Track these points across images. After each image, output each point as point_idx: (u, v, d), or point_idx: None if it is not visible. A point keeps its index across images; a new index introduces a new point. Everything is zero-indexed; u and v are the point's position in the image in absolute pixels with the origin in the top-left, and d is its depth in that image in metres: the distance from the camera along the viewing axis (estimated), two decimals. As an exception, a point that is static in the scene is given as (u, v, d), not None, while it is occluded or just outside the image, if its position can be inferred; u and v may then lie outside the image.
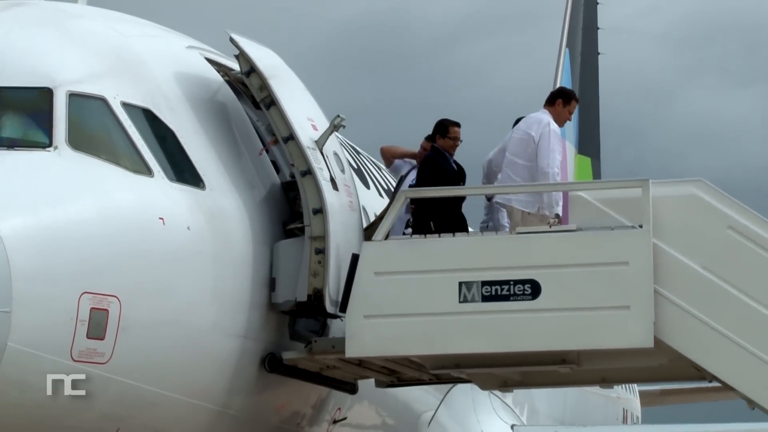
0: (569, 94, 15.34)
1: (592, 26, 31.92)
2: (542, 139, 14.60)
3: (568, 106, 15.19)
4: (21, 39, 12.70)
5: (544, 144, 14.59)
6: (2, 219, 10.90)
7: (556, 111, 15.02)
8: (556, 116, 14.94)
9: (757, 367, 12.45)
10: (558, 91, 15.38)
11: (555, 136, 14.70)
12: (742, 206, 12.99)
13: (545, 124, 14.71)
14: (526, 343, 12.77)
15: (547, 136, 14.61)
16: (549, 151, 14.54)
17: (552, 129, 14.68)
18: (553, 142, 14.61)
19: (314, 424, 14.33)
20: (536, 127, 14.71)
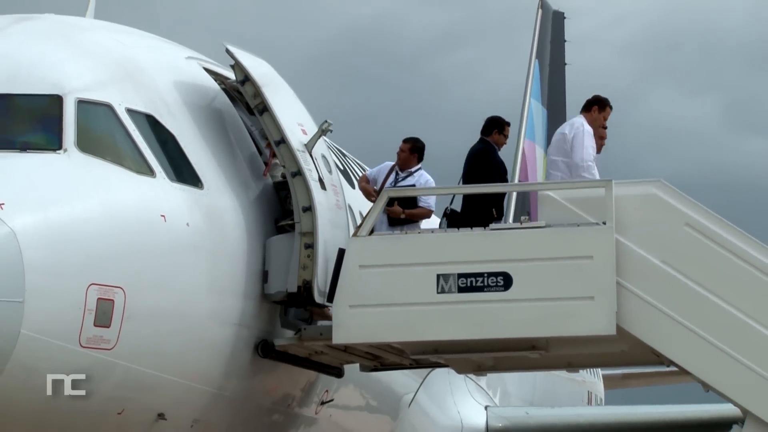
0: (604, 102, 15.24)
1: (560, 39, 31.96)
2: (576, 137, 14.65)
3: (602, 112, 15.17)
4: (32, 50, 12.69)
5: (577, 141, 14.63)
6: (16, 216, 10.88)
7: (592, 117, 15.02)
8: (591, 121, 14.94)
9: (711, 352, 12.47)
10: (594, 99, 15.26)
11: (587, 134, 14.70)
12: (698, 205, 13.02)
13: (579, 124, 14.79)
14: (498, 330, 12.78)
15: (580, 134, 14.66)
16: (582, 147, 14.57)
17: (585, 129, 14.73)
18: (586, 139, 14.64)
19: (304, 405, 14.33)
20: (569, 127, 14.85)
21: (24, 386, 10.92)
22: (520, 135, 29.34)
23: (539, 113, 30.46)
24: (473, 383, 19.44)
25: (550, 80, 31.12)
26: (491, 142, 14.96)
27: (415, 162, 14.87)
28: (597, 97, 15.22)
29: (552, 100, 31.15)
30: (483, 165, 14.63)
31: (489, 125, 15.08)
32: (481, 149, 14.89)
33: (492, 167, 14.62)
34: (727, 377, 12.46)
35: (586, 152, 14.54)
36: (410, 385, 16.84)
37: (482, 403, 19.66)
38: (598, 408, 26.67)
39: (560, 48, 31.92)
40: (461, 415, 18.96)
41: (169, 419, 12.19)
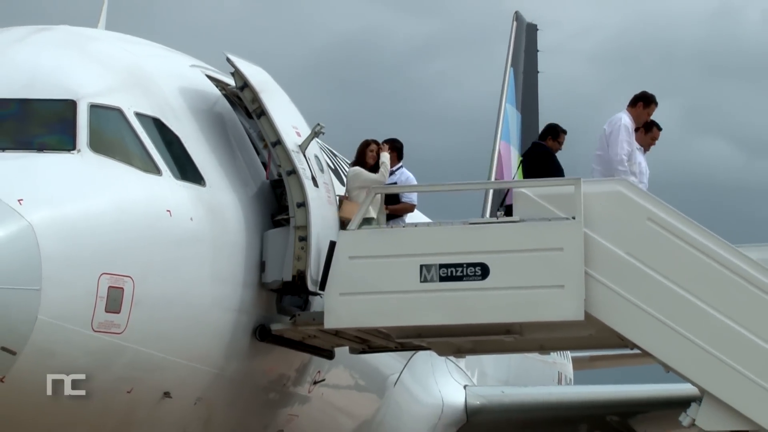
0: (650, 98, 15.07)
1: (533, 49, 32.04)
2: (612, 133, 14.60)
3: (647, 108, 15.02)
4: (48, 58, 12.68)
5: (613, 137, 14.58)
6: (33, 211, 10.87)
7: (637, 112, 14.89)
8: (636, 117, 14.83)
9: (671, 336, 12.49)
10: (640, 95, 15.07)
11: (625, 130, 14.56)
12: (659, 201, 13.05)
13: (617, 119, 14.68)
14: (476, 316, 12.80)
15: (617, 129, 14.57)
16: (616, 143, 14.50)
17: (623, 124, 14.60)
18: (621, 134, 14.52)
19: (297, 384, 14.33)
20: (609, 124, 14.72)
21: (40, 367, 10.89)
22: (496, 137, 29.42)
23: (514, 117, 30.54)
24: (453, 364, 19.46)
25: (524, 87, 31.19)
26: (546, 146, 14.98)
27: (396, 160, 14.92)
28: (644, 93, 15.07)
29: (526, 105, 31.23)
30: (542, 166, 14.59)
31: (545, 131, 15.17)
32: (543, 152, 14.91)
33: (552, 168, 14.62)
34: (686, 359, 12.49)
35: (620, 147, 14.46)
36: (395, 367, 16.85)
37: (461, 383, 19.67)
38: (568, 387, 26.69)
39: (533, 57, 31.99)
40: (442, 393, 18.98)
41: (174, 397, 12.18)
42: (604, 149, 14.61)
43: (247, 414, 13.69)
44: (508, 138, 29.87)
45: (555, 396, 21.94)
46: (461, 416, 19.27)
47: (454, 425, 19.19)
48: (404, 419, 17.65)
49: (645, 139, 15.03)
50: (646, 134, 15.03)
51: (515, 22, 31.23)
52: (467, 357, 18.83)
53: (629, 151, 14.54)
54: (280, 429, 14.31)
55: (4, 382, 10.67)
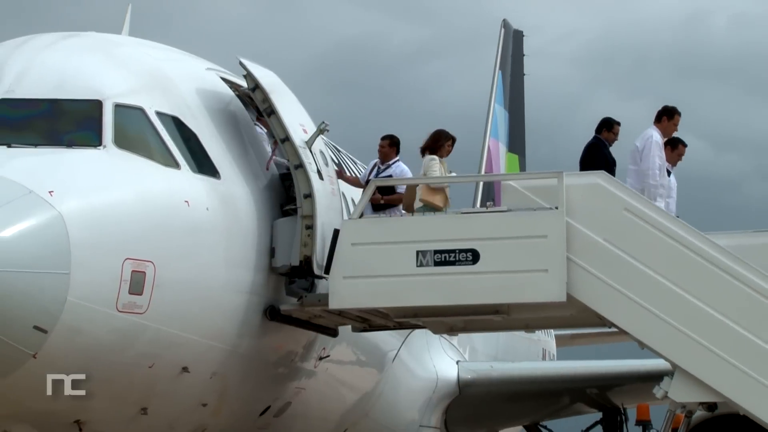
0: (672, 110, 14.97)
1: (519, 53, 32.02)
2: (645, 149, 14.49)
3: (672, 120, 14.91)
4: (77, 62, 12.67)
5: (646, 152, 14.46)
6: (63, 201, 10.88)
7: (663, 126, 14.80)
8: (663, 130, 14.73)
9: (646, 316, 12.50)
10: (662, 110, 14.96)
11: (656, 146, 14.46)
12: (634, 192, 13.07)
13: (648, 136, 14.57)
14: (468, 297, 12.80)
15: (649, 146, 14.46)
16: (649, 157, 14.39)
17: (654, 140, 14.50)
18: (653, 149, 14.42)
19: (305, 360, 14.34)
20: (641, 140, 14.60)
21: (70, 343, 10.90)
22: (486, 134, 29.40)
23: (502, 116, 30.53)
24: (447, 342, 19.48)
25: (511, 88, 31.18)
26: (602, 138, 14.96)
27: (393, 155, 14.95)
28: (666, 107, 14.97)
29: (513, 105, 31.22)
30: (592, 156, 14.53)
31: (600, 125, 15.07)
32: (592, 144, 14.80)
33: (600, 158, 14.48)
34: (659, 336, 12.50)
35: (652, 161, 14.35)
36: (394, 344, 16.87)
37: (454, 359, 19.68)
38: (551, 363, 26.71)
39: (520, 61, 31.97)
40: (437, 368, 19.00)
41: (191, 372, 12.19)
42: (637, 164, 14.53)
43: (258, 387, 13.69)
44: (497, 135, 29.86)
45: (540, 371, 21.96)
46: (454, 389, 19.28)
47: (447, 397, 19.21)
48: (402, 392, 17.67)
49: (672, 156, 14.90)
50: (673, 151, 14.92)
51: (503, 29, 31.22)
52: (459, 335, 18.87)
53: (660, 165, 14.45)
54: (289, 401, 14.32)
55: (36, 358, 10.67)
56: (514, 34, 31.75)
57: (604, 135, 14.97)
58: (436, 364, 18.95)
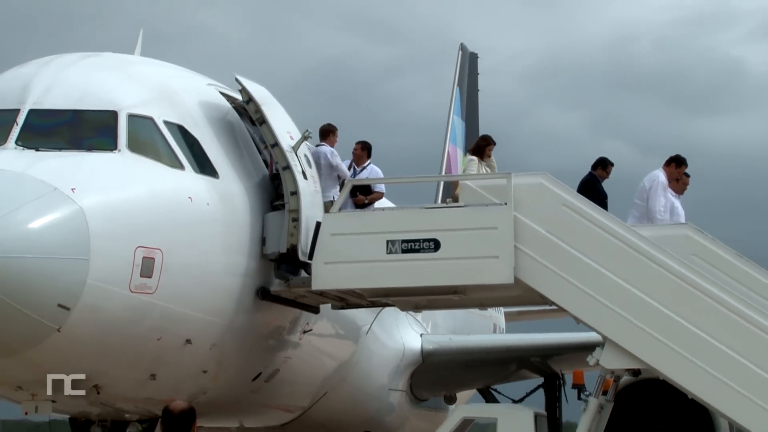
0: (682, 160, 15.03)
1: (474, 72, 32.03)
2: (652, 189, 14.56)
3: (679, 168, 14.97)
4: (96, 78, 12.62)
5: (653, 192, 14.55)
6: (84, 197, 10.84)
7: (670, 170, 14.86)
8: (669, 174, 14.79)
9: (581, 295, 12.54)
10: (675, 158, 15.01)
11: (661, 187, 14.54)
12: (571, 190, 13.11)
13: (655, 177, 14.63)
14: (430, 280, 12.82)
15: (656, 186, 14.54)
16: (656, 198, 14.48)
17: (660, 181, 14.58)
18: (659, 191, 14.51)
19: (291, 333, 14.33)
20: (649, 180, 14.64)
21: (89, 319, 10.86)
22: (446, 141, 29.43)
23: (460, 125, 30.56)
24: (412, 318, 19.47)
25: (467, 101, 31.20)
26: (596, 174, 14.95)
27: (365, 158, 14.99)
28: (677, 156, 15.03)
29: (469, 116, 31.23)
30: (587, 190, 14.46)
31: (596, 163, 15.11)
32: (587, 180, 14.83)
33: (593, 192, 14.43)
34: (592, 313, 12.54)
35: (658, 201, 14.45)
36: (367, 319, 16.87)
37: (418, 332, 19.68)
38: (501, 335, 26.70)
39: (474, 79, 31.99)
40: (403, 340, 19.00)
41: (194, 344, 12.16)
42: (643, 199, 14.60)
43: (251, 356, 13.67)
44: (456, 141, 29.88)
45: (491, 342, 21.98)
46: (418, 358, 19.28)
47: (412, 365, 19.21)
48: (374, 360, 17.67)
49: (678, 187, 15.01)
50: (678, 182, 14.99)
51: (460, 51, 31.24)
52: (423, 312, 18.87)
53: (665, 203, 14.53)
54: (277, 368, 14.30)
55: (60, 332, 10.63)
56: (470, 56, 31.77)
57: (598, 172, 15.02)
58: (403, 337, 18.95)
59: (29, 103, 12.04)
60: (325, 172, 14.39)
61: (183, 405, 8.26)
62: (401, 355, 18.79)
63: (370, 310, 16.30)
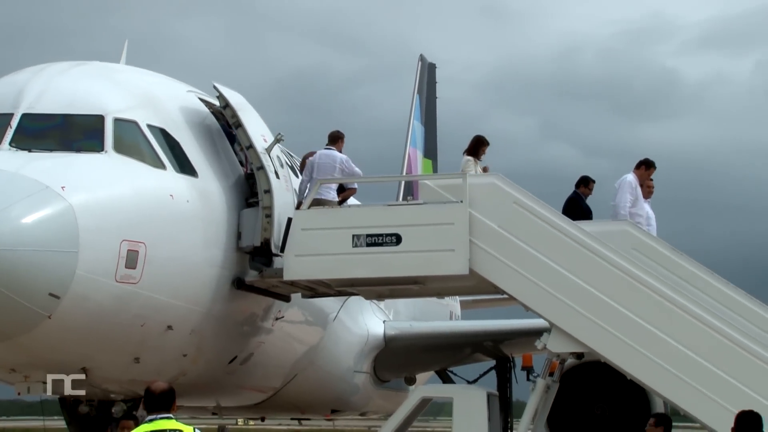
0: (650, 163, 14.91)
1: (433, 80, 32.06)
2: (619, 188, 14.56)
3: (648, 171, 14.85)
4: (84, 85, 12.56)
5: (619, 191, 14.55)
6: (74, 195, 10.80)
7: (640, 173, 14.77)
8: (639, 176, 14.69)
9: (529, 285, 12.59)
10: (644, 161, 14.89)
11: (628, 186, 14.46)
12: (521, 189, 13.16)
13: (625, 178, 14.60)
14: (392, 271, 12.84)
15: (623, 185, 14.51)
16: (623, 194, 14.45)
17: (628, 181, 14.51)
18: (625, 188, 14.44)
19: (264, 320, 14.32)
20: (619, 181, 14.62)
21: (78, 307, 10.82)
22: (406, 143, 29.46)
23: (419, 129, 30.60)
24: (376, 306, 19.49)
25: (426, 108, 31.23)
26: (579, 192, 14.94)
27: None
28: (646, 160, 14.94)
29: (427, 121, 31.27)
30: (572, 207, 14.55)
31: (579, 181, 15.11)
32: (572, 198, 14.87)
33: (578, 209, 14.51)
34: (540, 301, 12.61)
35: (623, 198, 14.42)
36: (334, 307, 16.88)
37: (381, 319, 19.70)
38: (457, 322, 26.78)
39: (433, 87, 32.01)
40: (367, 326, 19.02)
41: (175, 330, 12.14)
42: (614, 199, 14.61)
43: (227, 341, 13.65)
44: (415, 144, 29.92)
45: (448, 328, 22.05)
46: (381, 343, 19.30)
47: (376, 349, 19.23)
48: (340, 345, 17.68)
49: (645, 192, 14.93)
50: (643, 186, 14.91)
51: (420, 62, 31.26)
52: (386, 300, 18.89)
53: (632, 200, 14.48)
54: (252, 352, 14.28)
55: (51, 319, 10.60)
56: (429, 66, 31.80)
57: (581, 189, 15.04)
58: (367, 323, 18.97)
59: (23, 108, 11.97)
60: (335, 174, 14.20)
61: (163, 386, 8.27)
62: (365, 340, 18.81)
63: (337, 299, 16.30)
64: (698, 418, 12.08)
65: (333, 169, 14.10)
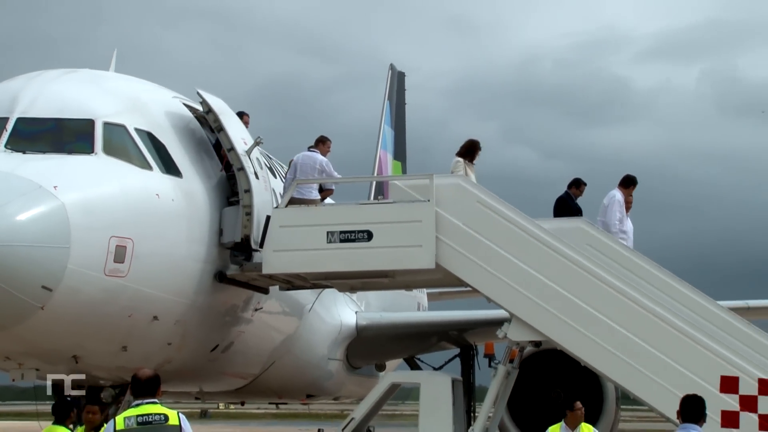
0: (634, 180, 14.86)
1: (402, 87, 32.11)
2: (609, 206, 14.56)
3: (630, 188, 14.80)
4: (75, 91, 12.50)
5: (609, 209, 14.54)
6: (65, 194, 10.75)
7: (625, 189, 14.76)
8: (624, 191, 14.68)
9: (491, 278, 12.65)
10: (628, 179, 14.84)
11: (617, 204, 14.48)
12: (484, 189, 13.21)
13: (612, 196, 14.60)
14: (364, 265, 12.85)
15: (612, 203, 14.52)
16: (612, 213, 14.46)
17: (617, 199, 14.52)
18: (615, 206, 14.45)
19: (244, 311, 14.30)
20: (608, 198, 14.61)
21: (69, 299, 10.77)
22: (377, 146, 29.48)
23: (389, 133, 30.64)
24: (349, 297, 19.50)
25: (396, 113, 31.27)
26: (570, 193, 14.91)
27: None
28: (630, 177, 14.87)
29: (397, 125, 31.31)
30: (563, 206, 14.54)
31: (570, 183, 15.04)
32: (563, 198, 14.84)
33: (567, 208, 14.48)
34: (501, 293, 12.65)
35: (614, 216, 14.45)
36: (310, 299, 16.88)
37: (354, 310, 19.71)
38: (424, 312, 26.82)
39: (402, 94, 32.06)
40: (341, 317, 19.02)
41: (160, 320, 12.11)
42: (603, 216, 14.59)
43: (210, 331, 13.62)
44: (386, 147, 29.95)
45: (416, 318, 22.09)
46: (353, 332, 19.31)
47: (348, 338, 19.23)
48: (315, 334, 17.68)
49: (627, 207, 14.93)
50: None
51: (390, 70, 31.29)
52: (358, 292, 18.91)
53: (620, 218, 14.55)
54: (232, 341, 14.26)
55: (43, 310, 10.55)
56: (399, 74, 31.83)
57: (572, 190, 15.04)
58: (340, 314, 18.98)
59: (17, 112, 11.89)
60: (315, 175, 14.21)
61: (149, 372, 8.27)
62: (339, 329, 18.82)
63: (312, 291, 16.30)
64: (647, 401, 12.18)
65: (313, 170, 14.19)
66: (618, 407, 16.54)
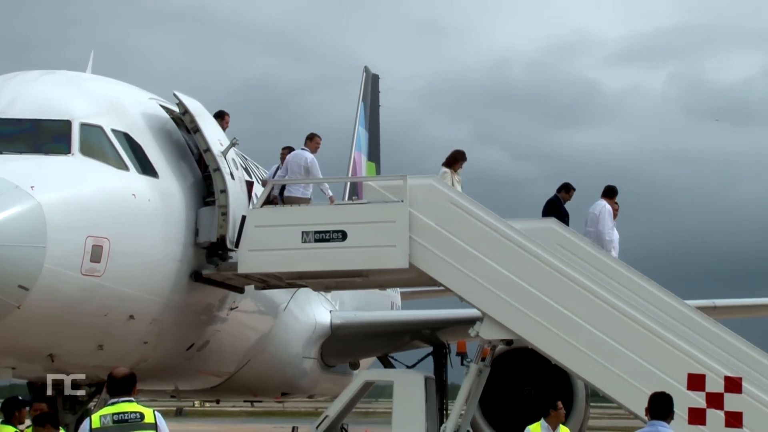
0: (615, 191, 14.98)
1: (376, 90, 32.11)
2: (600, 216, 14.62)
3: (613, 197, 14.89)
4: (53, 92, 12.44)
5: (601, 219, 14.60)
6: (42, 193, 10.68)
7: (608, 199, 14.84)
8: (609, 201, 14.78)
9: (464, 277, 12.69)
10: (610, 189, 14.96)
11: (608, 214, 14.59)
12: (456, 190, 13.27)
13: (602, 206, 14.68)
14: (338, 265, 12.85)
15: (603, 213, 14.61)
16: (604, 223, 14.53)
17: (608, 210, 14.62)
18: (606, 217, 14.55)
19: (220, 310, 14.25)
20: (597, 209, 14.68)
21: (45, 298, 10.70)
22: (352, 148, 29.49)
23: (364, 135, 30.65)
24: (323, 296, 19.48)
25: (370, 115, 31.28)
26: (560, 196, 14.93)
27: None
28: (612, 188, 15.00)
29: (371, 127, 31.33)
30: (551, 208, 14.58)
31: (560, 187, 15.07)
32: (552, 200, 14.89)
33: (555, 211, 14.53)
34: (472, 292, 12.70)
35: (606, 225, 14.55)
36: (285, 298, 16.85)
37: (328, 309, 19.69)
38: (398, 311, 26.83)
39: (376, 96, 32.07)
40: (315, 316, 19.01)
41: (136, 319, 12.05)
42: (594, 226, 14.65)
43: (186, 329, 13.56)
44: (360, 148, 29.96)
45: (389, 317, 22.11)
46: (327, 330, 19.30)
47: (323, 336, 19.22)
48: (290, 333, 17.66)
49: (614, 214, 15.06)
50: None
51: (365, 73, 31.31)
52: (332, 291, 18.89)
53: (611, 226, 14.65)
54: (208, 339, 14.21)
55: (20, 309, 10.47)
56: (373, 76, 31.85)
57: (562, 194, 15.09)
58: (315, 313, 18.96)
59: (-6, 113, 11.81)
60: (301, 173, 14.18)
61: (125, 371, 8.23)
62: (313, 328, 18.80)
63: (287, 291, 16.26)
64: (616, 399, 12.25)
65: (300, 168, 14.21)
66: (588, 404, 16.63)
